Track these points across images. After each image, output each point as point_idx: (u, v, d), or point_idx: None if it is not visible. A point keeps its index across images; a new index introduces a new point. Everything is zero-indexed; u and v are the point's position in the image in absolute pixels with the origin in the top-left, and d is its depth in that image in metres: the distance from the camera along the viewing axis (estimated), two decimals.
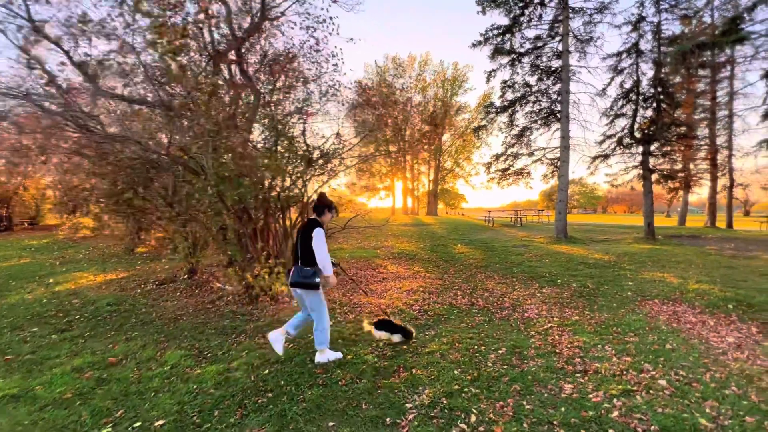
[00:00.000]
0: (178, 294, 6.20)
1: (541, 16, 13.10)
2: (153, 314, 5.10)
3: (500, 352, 3.68)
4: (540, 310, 5.10)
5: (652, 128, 11.94)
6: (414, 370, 3.27)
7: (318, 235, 3.13)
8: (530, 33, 13.51)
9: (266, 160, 4.19)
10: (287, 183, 5.64)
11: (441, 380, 3.09)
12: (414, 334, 4.00)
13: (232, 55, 6.46)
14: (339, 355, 3.51)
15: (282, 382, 3.08)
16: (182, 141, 4.44)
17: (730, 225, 18.06)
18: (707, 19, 16.63)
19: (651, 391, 2.86)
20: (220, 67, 6.73)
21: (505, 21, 13.14)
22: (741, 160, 17.06)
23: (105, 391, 2.99)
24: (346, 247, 11.04)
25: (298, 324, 3.56)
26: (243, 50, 6.22)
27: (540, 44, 13.16)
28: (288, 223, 6.87)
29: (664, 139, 11.82)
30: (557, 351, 3.68)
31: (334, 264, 3.33)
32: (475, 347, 3.80)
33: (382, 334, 3.89)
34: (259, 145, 5.99)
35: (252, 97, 5.83)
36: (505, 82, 14.01)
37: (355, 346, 3.85)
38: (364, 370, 3.29)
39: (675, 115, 12.08)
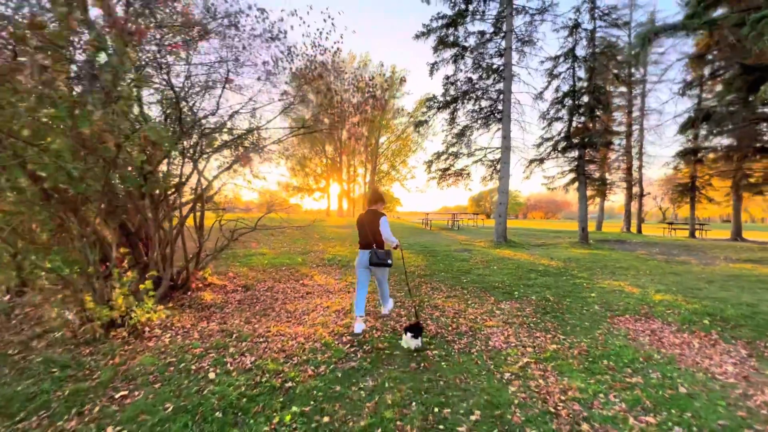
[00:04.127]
0: None
1: (484, 12, 12.62)
2: None
3: (473, 418, 2.41)
4: (506, 335, 4.00)
5: (586, 134, 12.04)
6: None
7: (385, 221, 3.93)
8: (474, 28, 12.93)
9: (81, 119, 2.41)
10: (157, 164, 3.82)
11: None
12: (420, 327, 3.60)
13: None
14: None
15: None
16: None
17: (639, 230, 19.63)
18: (625, 39, 17.89)
19: None
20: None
21: (450, 12, 12.42)
22: (660, 169, 18.61)
23: None
24: (268, 252, 9.19)
25: (363, 302, 4.03)
26: None
27: (484, 40, 12.67)
28: (172, 222, 4.99)
29: (597, 145, 11.98)
30: (551, 410, 2.52)
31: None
32: (436, 410, 2.49)
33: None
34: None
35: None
36: (447, 78, 13.33)
37: (243, 425, 2.29)
38: None
39: (607, 123, 12.34)
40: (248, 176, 6.37)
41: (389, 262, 3.98)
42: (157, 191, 3.97)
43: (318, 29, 5.10)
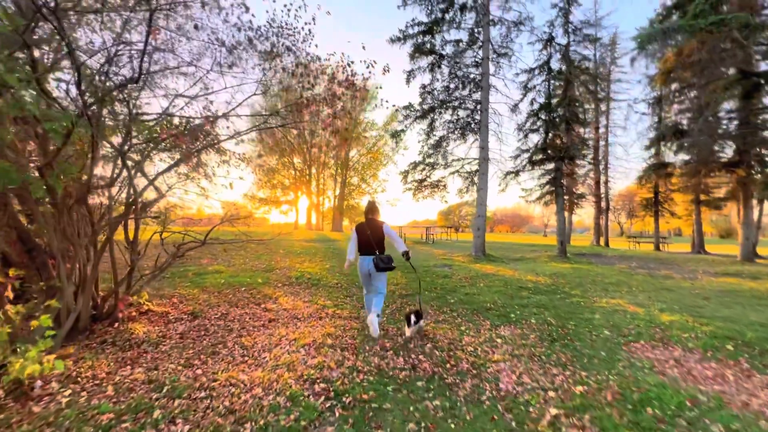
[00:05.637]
0: None
1: (460, 22, 12.39)
2: None
3: None
4: (517, 373, 3.27)
5: (562, 146, 11.95)
6: None
7: (389, 227, 4.28)
8: (451, 37, 12.68)
9: None
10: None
11: None
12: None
13: None
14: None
15: None
16: None
17: (607, 243, 20.01)
18: (591, 57, 18.48)
19: None
20: None
21: (425, 20, 12.08)
22: (623, 184, 19.15)
23: None
24: (225, 269, 8.04)
25: (377, 303, 4.19)
26: None
27: (461, 49, 12.40)
28: (95, 234, 3.90)
29: (575, 158, 11.90)
30: None
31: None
32: None
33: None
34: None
35: None
36: (424, 87, 12.92)
37: None
38: None
39: (581, 135, 12.35)
40: (202, 182, 5.37)
41: (393, 265, 4.21)
42: (58, 192, 2.94)
43: (285, 4, 4.28)
